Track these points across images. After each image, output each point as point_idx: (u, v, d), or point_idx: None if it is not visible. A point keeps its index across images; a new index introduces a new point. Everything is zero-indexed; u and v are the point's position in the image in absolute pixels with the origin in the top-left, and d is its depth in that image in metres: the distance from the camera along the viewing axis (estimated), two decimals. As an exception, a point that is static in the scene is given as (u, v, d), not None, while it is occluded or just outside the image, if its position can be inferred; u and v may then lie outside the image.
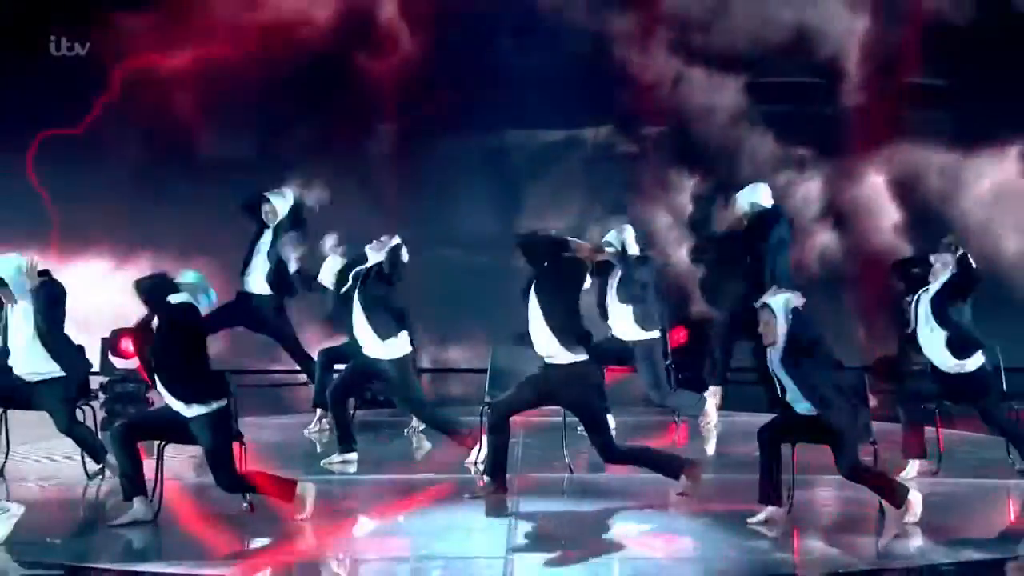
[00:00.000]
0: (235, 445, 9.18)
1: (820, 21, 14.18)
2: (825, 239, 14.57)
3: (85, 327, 11.39)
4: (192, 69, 14.82)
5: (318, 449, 11.69)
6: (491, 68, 14.24)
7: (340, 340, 11.75)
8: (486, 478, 9.96)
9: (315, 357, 12.20)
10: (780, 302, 8.85)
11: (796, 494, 9.41)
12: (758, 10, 14.30)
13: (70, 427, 10.11)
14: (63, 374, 10.07)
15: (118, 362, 12.02)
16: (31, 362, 9.98)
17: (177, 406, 8.81)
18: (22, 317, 9.90)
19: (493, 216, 14.71)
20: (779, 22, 14.27)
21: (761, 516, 8.82)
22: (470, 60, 14.35)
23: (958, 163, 14.28)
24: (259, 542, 8.90)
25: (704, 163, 14.55)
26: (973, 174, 14.20)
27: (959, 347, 9.93)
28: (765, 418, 9.53)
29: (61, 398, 10.05)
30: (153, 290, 8.92)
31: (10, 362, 10.06)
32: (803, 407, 8.89)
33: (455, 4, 14.37)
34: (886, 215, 14.28)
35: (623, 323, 11.29)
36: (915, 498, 8.83)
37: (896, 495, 8.85)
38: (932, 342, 9.90)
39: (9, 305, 9.97)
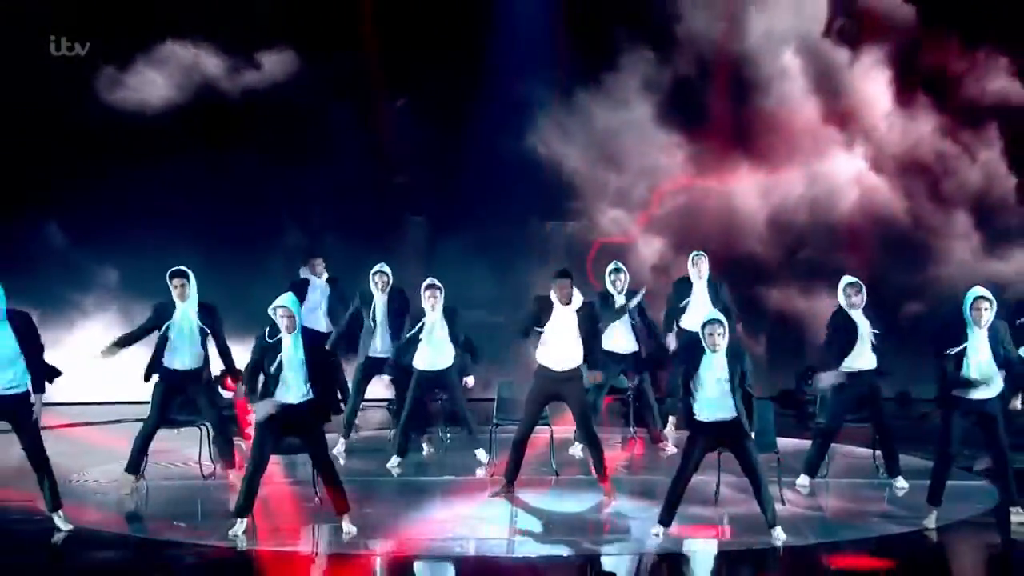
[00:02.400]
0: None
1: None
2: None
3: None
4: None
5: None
6: (495, 180, 15.36)
7: None
8: (503, 479, 10.78)
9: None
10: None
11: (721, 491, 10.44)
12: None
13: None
14: None
15: (224, 393, 12.44)
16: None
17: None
18: None
19: (497, 283, 15.47)
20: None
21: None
22: (479, 177, 15.40)
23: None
24: (327, 526, 9.80)
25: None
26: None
27: None
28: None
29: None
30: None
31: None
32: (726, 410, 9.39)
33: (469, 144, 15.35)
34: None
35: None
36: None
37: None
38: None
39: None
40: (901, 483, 10.83)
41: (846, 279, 10.74)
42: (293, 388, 9.36)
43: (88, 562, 9.43)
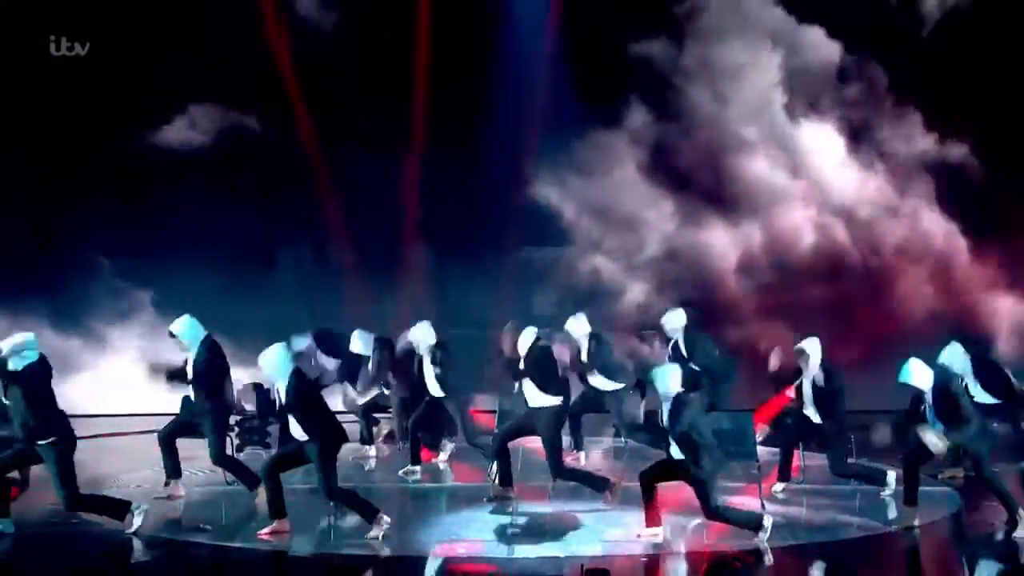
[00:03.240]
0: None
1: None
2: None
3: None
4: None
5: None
6: (497, 213, 16.21)
7: None
8: (498, 486, 11.24)
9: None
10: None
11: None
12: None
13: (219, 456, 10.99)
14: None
15: (248, 406, 12.18)
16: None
17: (302, 438, 9.76)
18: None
19: (500, 304, 15.67)
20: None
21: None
22: (482, 210, 16.17)
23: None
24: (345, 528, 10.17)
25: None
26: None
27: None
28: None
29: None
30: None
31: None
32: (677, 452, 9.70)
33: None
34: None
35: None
36: (767, 522, 9.74)
37: (751, 525, 9.75)
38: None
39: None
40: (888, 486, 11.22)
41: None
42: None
43: (121, 561, 9.77)
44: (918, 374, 10.23)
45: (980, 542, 10.26)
